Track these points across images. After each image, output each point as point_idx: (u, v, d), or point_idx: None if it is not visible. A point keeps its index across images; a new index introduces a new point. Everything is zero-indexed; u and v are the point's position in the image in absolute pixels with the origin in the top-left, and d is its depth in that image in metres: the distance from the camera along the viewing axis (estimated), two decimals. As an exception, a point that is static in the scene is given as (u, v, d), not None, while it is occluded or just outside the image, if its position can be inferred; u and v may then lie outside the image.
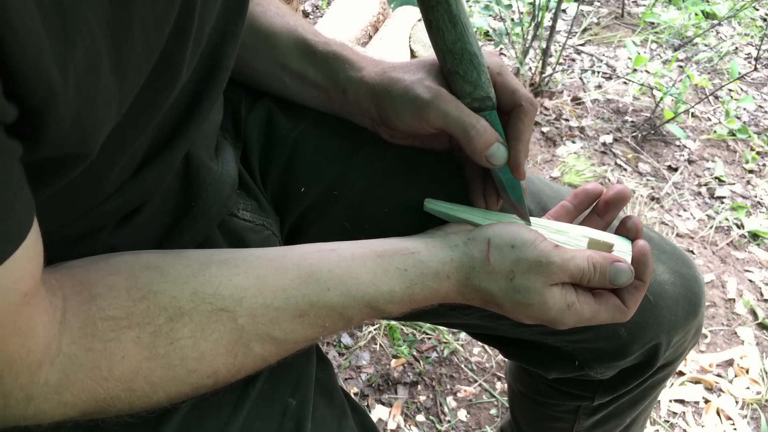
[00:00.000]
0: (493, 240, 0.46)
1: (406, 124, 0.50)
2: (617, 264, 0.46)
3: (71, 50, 0.26)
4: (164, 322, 0.38)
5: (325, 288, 0.43)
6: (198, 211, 0.48)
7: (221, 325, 0.40)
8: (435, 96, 0.47)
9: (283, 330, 0.42)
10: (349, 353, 1.21)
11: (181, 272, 0.40)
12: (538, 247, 0.45)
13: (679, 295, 0.57)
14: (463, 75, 0.47)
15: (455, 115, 0.47)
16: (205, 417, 0.44)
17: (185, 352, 0.39)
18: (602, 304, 0.47)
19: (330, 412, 0.50)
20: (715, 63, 2.11)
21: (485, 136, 0.47)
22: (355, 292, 0.43)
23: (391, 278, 0.44)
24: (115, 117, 0.32)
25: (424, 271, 0.45)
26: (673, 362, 0.63)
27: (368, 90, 0.52)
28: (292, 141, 0.57)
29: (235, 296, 0.40)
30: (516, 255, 0.45)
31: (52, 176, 0.32)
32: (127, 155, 0.39)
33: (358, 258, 0.45)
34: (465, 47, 0.46)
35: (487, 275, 0.45)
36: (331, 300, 0.43)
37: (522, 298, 0.45)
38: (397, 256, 0.45)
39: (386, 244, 0.47)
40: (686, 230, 1.54)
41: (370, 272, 0.44)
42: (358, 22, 1.71)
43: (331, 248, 0.45)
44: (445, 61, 0.47)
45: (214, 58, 0.44)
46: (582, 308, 0.46)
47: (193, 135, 0.45)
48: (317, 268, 0.43)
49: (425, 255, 0.46)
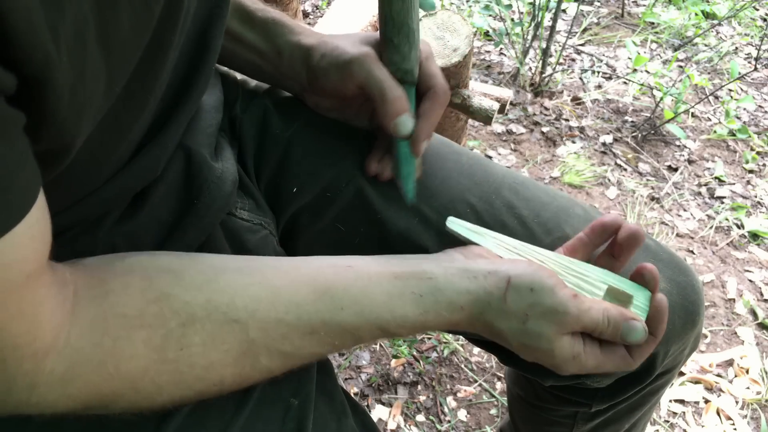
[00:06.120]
0: (514, 280, 0.45)
1: (331, 81, 0.51)
2: (632, 322, 0.46)
3: (61, 14, 0.26)
4: (176, 327, 0.38)
5: (339, 307, 0.42)
6: (201, 208, 0.48)
7: (232, 337, 0.40)
8: (363, 54, 0.50)
9: (293, 345, 0.42)
10: (349, 353, 1.21)
11: (195, 278, 0.40)
12: (557, 295, 0.45)
13: (676, 304, 0.56)
14: (396, 45, 0.50)
15: (378, 75, 0.49)
16: (208, 417, 0.44)
17: (194, 359, 0.39)
18: (608, 355, 0.47)
19: (330, 412, 0.50)
20: (715, 63, 2.11)
21: (398, 104, 0.49)
22: (368, 314, 0.43)
23: (406, 302, 0.44)
24: (105, 94, 0.32)
25: (439, 299, 0.44)
26: (672, 369, 0.63)
27: (302, 52, 0.53)
28: (285, 140, 0.57)
29: (248, 308, 0.40)
30: (534, 299, 0.44)
31: (50, 163, 0.32)
32: (125, 141, 0.39)
33: (374, 277, 0.44)
34: (406, 20, 0.49)
35: (501, 314, 0.45)
36: (344, 319, 0.42)
37: (531, 342, 0.45)
38: (414, 279, 0.45)
39: (404, 264, 0.46)
40: (686, 230, 1.54)
41: (385, 294, 0.44)
42: (358, 22, 1.71)
43: (348, 264, 0.45)
44: (385, 26, 0.50)
45: (202, 41, 0.44)
46: (587, 359, 0.46)
47: (185, 120, 0.46)
48: (332, 285, 0.43)
49: (442, 283, 0.45)
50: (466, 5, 2.22)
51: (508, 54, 2.05)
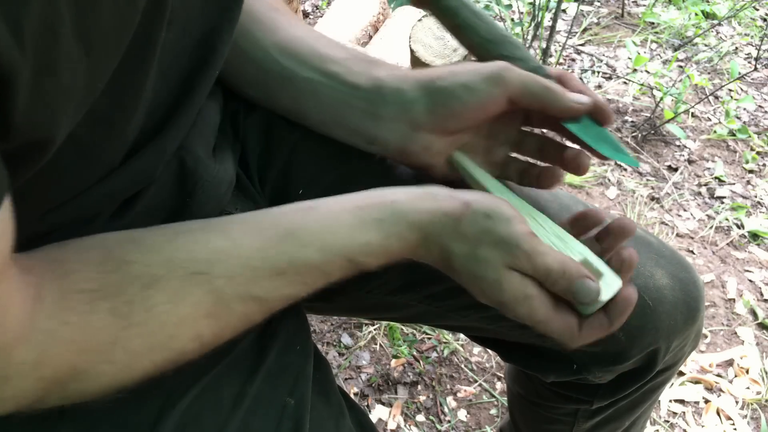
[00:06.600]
0: (473, 205, 0.44)
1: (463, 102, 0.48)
2: (588, 282, 0.43)
3: (25, 8, 0.26)
4: (138, 290, 0.38)
5: (303, 245, 0.42)
6: (193, 206, 0.48)
7: (198, 289, 0.40)
8: (506, 66, 0.48)
9: (263, 288, 0.42)
10: (349, 353, 1.21)
11: (155, 240, 0.41)
12: (512, 227, 0.44)
13: (678, 300, 0.57)
14: (509, 55, 0.49)
15: (529, 74, 0.48)
16: (204, 415, 0.44)
17: (163, 317, 0.39)
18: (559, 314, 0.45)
19: (327, 412, 0.50)
20: (715, 63, 2.10)
21: (559, 86, 0.48)
22: (332, 247, 0.43)
23: (369, 229, 0.43)
24: (87, 89, 0.32)
25: (400, 220, 0.44)
26: (672, 366, 0.63)
27: (415, 82, 0.50)
28: (291, 143, 0.56)
29: (210, 259, 0.40)
30: (488, 225, 0.44)
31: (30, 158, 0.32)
32: (117, 140, 0.38)
33: (336, 212, 0.44)
34: (499, 32, 0.50)
35: (455, 235, 0.44)
36: (309, 256, 0.42)
37: (478, 269, 0.44)
38: (376, 207, 0.44)
39: (367, 195, 0.46)
40: (686, 230, 1.54)
41: (347, 225, 0.43)
42: (358, 22, 1.71)
43: (311, 206, 0.45)
44: (487, 51, 0.50)
45: (209, 43, 0.44)
46: (538, 306, 0.44)
47: (186, 123, 0.45)
48: (295, 226, 0.43)
49: (404, 204, 0.44)
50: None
51: (508, 54, 2.05)
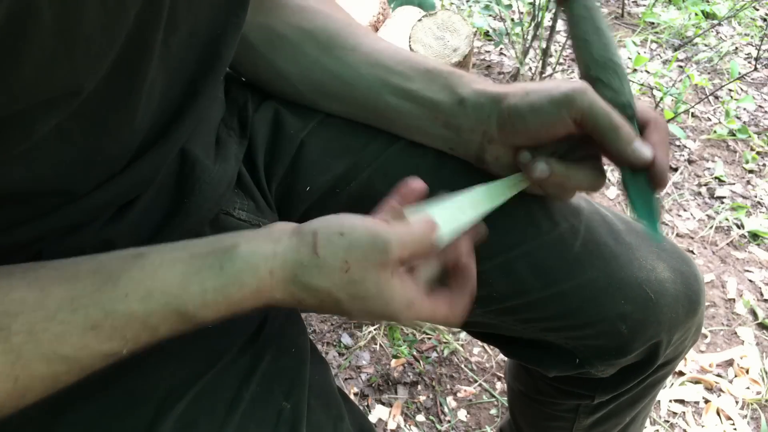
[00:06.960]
0: (321, 231, 0.41)
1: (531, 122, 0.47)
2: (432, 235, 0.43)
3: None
4: None
5: (123, 294, 0.37)
6: (191, 207, 0.48)
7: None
8: (582, 86, 0.46)
9: (73, 346, 0.36)
10: (349, 353, 1.21)
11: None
12: (369, 228, 0.41)
13: (680, 293, 0.57)
14: (606, 82, 0.48)
15: (603, 104, 0.46)
16: (199, 420, 0.44)
17: None
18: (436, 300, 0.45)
19: (326, 416, 0.49)
20: (715, 63, 2.11)
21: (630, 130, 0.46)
22: (159, 298, 0.38)
23: (204, 278, 0.39)
24: (69, 88, 0.32)
25: (241, 267, 0.40)
26: (673, 360, 0.63)
27: (491, 97, 0.50)
28: (299, 140, 0.56)
29: (10, 311, 0.35)
30: (347, 242, 0.40)
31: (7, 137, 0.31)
32: (116, 143, 0.38)
33: (168, 261, 0.39)
34: (609, 56, 0.49)
35: (318, 270, 0.40)
36: (129, 307, 0.37)
37: (359, 290, 0.41)
38: (214, 254, 0.40)
39: (205, 242, 0.42)
40: (686, 230, 1.54)
41: (180, 274, 0.39)
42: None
43: (140, 252, 0.40)
44: (588, 68, 0.49)
45: (214, 49, 0.43)
46: (422, 306, 0.44)
47: (189, 128, 0.45)
48: (116, 274, 0.38)
49: (244, 250, 0.40)
50: (466, 5, 2.22)
51: (508, 54, 2.05)
